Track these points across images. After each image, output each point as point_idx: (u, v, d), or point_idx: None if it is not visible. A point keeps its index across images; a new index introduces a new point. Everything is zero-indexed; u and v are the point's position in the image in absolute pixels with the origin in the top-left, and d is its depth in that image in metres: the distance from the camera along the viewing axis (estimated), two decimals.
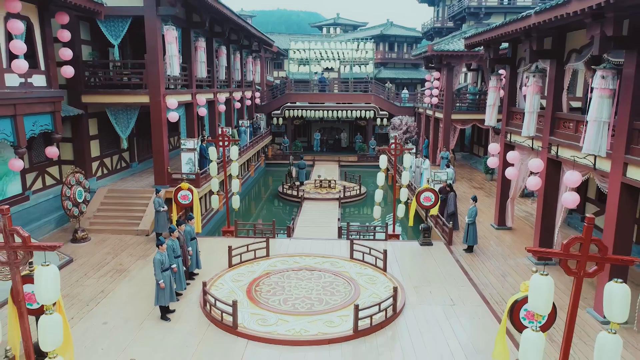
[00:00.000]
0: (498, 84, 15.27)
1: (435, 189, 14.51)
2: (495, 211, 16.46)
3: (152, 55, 15.97)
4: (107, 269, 12.36)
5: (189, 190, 13.97)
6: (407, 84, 58.29)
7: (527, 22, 10.83)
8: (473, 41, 15.44)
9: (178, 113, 18.52)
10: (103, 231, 15.04)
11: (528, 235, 15.51)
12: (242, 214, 22.67)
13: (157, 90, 16.14)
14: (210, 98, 22.50)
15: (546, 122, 12.44)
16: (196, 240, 11.78)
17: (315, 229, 17.90)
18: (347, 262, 12.75)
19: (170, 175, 16.87)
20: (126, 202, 16.14)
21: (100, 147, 17.84)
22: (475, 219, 13.78)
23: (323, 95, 35.81)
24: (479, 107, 26.29)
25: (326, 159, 33.76)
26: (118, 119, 16.85)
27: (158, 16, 15.82)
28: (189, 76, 19.30)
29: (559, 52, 11.91)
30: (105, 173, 18.21)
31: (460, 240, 14.75)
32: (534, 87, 12.08)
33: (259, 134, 31.75)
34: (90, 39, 17.07)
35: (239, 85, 28.95)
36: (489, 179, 24.42)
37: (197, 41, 19.53)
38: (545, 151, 12.28)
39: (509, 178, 13.84)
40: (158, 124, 16.45)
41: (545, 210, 12.72)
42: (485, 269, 12.73)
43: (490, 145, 15.24)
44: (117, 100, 16.38)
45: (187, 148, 17.01)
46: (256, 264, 12.55)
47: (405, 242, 14.80)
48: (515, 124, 14.77)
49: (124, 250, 13.77)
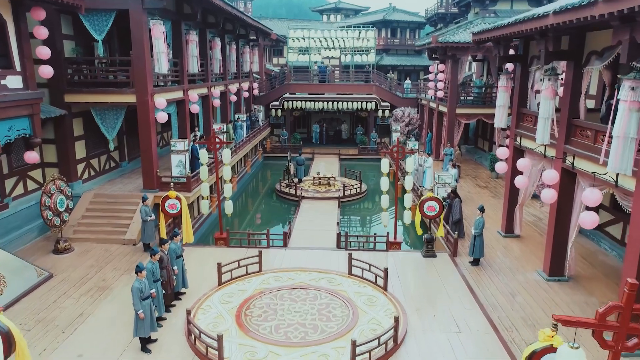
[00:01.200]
0: (508, 83, 14.25)
1: (439, 197, 13.59)
2: (503, 218, 15.57)
3: (138, 52, 14.98)
4: (88, 286, 11.55)
5: (177, 199, 13.10)
6: (410, 71, 57.01)
7: (544, 23, 9.80)
8: (481, 37, 14.39)
9: (169, 111, 17.61)
10: (88, 240, 14.22)
11: (537, 244, 14.64)
12: (238, 213, 21.84)
13: (144, 88, 15.17)
14: (203, 93, 21.53)
15: (561, 129, 11.48)
16: (182, 258, 10.95)
17: (313, 234, 17.07)
18: (345, 279, 11.93)
19: (159, 179, 16.00)
20: (113, 208, 15.30)
21: (86, 148, 16.92)
22: (483, 230, 12.89)
23: (323, 86, 34.69)
24: (485, 100, 25.24)
25: (326, 152, 32.79)
26: (104, 120, 15.91)
27: (144, 9, 14.78)
28: (180, 71, 18.30)
29: (576, 54, 10.90)
30: (93, 175, 17.33)
31: (466, 251, 13.92)
32: (549, 91, 11.08)
33: (257, 127, 30.76)
34: (73, 33, 16.02)
35: (235, 77, 27.90)
36: (494, 176, 23.48)
37: (188, 34, 18.49)
38: (559, 161, 11.34)
39: (519, 187, 12.93)
40: (146, 125, 15.52)
41: (558, 223, 11.83)
42: (492, 286, 11.89)
43: (499, 149, 14.28)
44: (102, 99, 15.42)
45: (178, 150, 16.09)
46: (247, 281, 11.73)
47: (407, 254, 13.95)
48: (526, 127, 13.80)
49: (109, 262, 12.96)
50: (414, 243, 15.43)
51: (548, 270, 12.21)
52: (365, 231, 19.44)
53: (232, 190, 22.63)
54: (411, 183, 14.90)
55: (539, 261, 13.15)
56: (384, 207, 15.27)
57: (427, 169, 21.15)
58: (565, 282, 12.00)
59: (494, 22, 25.50)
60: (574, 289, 11.66)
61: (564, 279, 12.09)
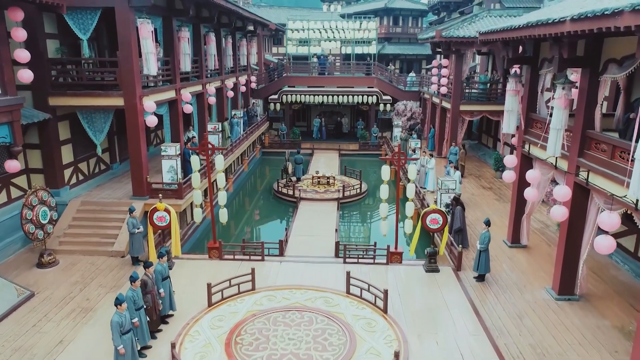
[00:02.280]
0: (517, 86, 13.42)
1: (442, 207, 12.87)
2: (509, 227, 14.86)
3: (125, 52, 14.17)
4: (71, 307, 10.92)
5: (165, 212, 12.40)
6: (412, 60, 55.92)
7: (559, 29, 8.98)
8: (489, 38, 13.53)
9: (160, 112, 16.86)
10: (74, 252, 13.57)
11: (545, 255, 13.97)
12: (234, 215, 21.22)
13: (132, 91, 14.40)
14: (198, 91, 20.74)
15: (574, 140, 10.71)
16: (169, 279, 10.29)
17: (311, 241, 16.39)
18: (343, 299, 11.28)
19: (149, 185, 15.30)
20: (101, 217, 14.62)
21: (74, 152, 16.18)
22: (489, 245, 12.19)
23: (323, 79, 33.75)
24: (490, 97, 24.37)
25: (326, 148, 32.02)
26: (91, 123, 15.16)
27: (131, 7, 13.93)
28: (172, 70, 17.47)
29: (593, 61, 10.08)
30: (81, 179, 16.62)
31: (471, 264, 13.25)
32: (562, 101, 10.28)
33: (255, 122, 29.94)
34: (58, 32, 15.17)
35: (232, 71, 27.02)
36: (498, 176, 22.68)
37: (180, 31, 17.62)
38: (572, 177, 10.59)
39: (528, 200, 12.20)
40: (135, 130, 14.78)
41: (569, 241, 11.13)
42: (498, 307, 11.23)
43: (506, 157, 13.52)
44: (88, 103, 14.67)
45: (169, 155, 15.35)
46: (240, 301, 11.09)
47: (408, 268, 13.27)
48: (535, 133, 13.02)
49: (94, 278, 12.32)
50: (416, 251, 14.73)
51: (558, 288, 11.54)
52: (365, 236, 18.80)
53: (228, 191, 22.04)
54: (413, 191, 14.17)
55: (547, 276, 12.48)
56: (382, 216, 14.58)
57: (430, 170, 20.43)
58: (575, 302, 11.34)
59: (500, 14, 24.73)
60: (585, 310, 11.00)
61: (575, 298, 11.43)
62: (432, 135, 28.95)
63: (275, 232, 19.22)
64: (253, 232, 20.06)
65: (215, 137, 20.46)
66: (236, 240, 18.20)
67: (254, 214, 22.19)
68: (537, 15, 11.58)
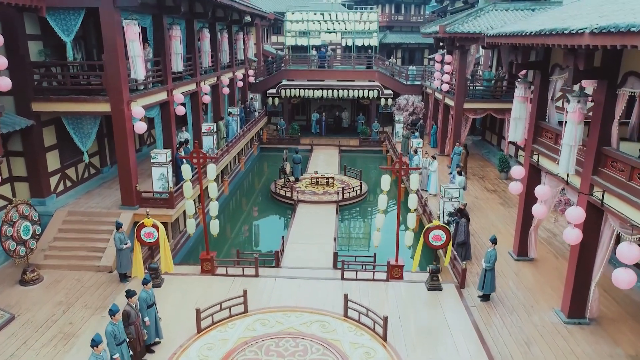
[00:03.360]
0: (527, 93, 12.66)
1: (446, 218, 12.20)
2: (515, 239, 14.20)
3: (111, 55, 13.41)
4: (53, 332, 10.34)
5: (153, 227, 11.75)
6: (415, 49, 54.86)
7: (576, 41, 8.20)
8: (496, 41, 12.70)
9: (151, 115, 16.14)
10: (59, 267, 12.96)
11: (553, 270, 13.34)
12: (230, 218, 20.61)
13: (119, 96, 13.65)
14: (192, 89, 19.95)
15: (588, 156, 10.00)
16: (155, 306, 9.67)
17: (308, 250, 15.82)
18: (340, 323, 10.66)
19: (139, 194, 14.64)
20: (88, 228, 13.99)
21: (60, 158, 15.46)
22: (495, 264, 11.54)
23: (323, 72, 32.88)
24: (495, 94, 23.55)
25: (325, 143, 31.24)
26: (77, 129, 14.44)
27: (117, 8, 13.11)
28: (163, 71, 16.68)
29: (611, 73, 9.32)
30: (69, 186, 15.94)
31: (475, 280, 12.65)
32: (576, 115, 9.54)
33: (253, 118, 29.16)
34: (40, 32, 14.35)
35: (229, 66, 26.16)
36: (503, 177, 22.00)
37: (171, 29, 16.78)
38: (585, 197, 9.89)
39: (537, 217, 11.51)
40: (122, 136, 14.07)
41: (580, 262, 10.47)
42: (504, 331, 10.62)
43: (514, 168, 12.79)
44: (73, 108, 13.92)
45: (159, 162, 14.66)
46: (231, 326, 10.49)
47: (410, 285, 12.62)
48: (545, 143, 12.29)
49: (80, 297, 11.71)
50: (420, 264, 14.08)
51: (567, 311, 10.92)
52: (364, 244, 18.15)
53: (224, 194, 21.40)
54: (415, 202, 13.49)
55: (556, 294, 11.86)
56: (377, 227, 13.90)
57: (432, 172, 19.73)
58: (586, 326, 10.73)
59: (506, 7, 23.73)
60: (597, 336, 10.39)
61: (585, 321, 10.81)
62: (434, 132, 28.19)
63: (272, 238, 18.61)
64: (249, 237, 19.45)
65: (210, 138, 19.76)
66: (231, 247, 17.66)
67: (251, 217, 21.52)
68: (550, 20, 10.78)
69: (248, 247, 18.25)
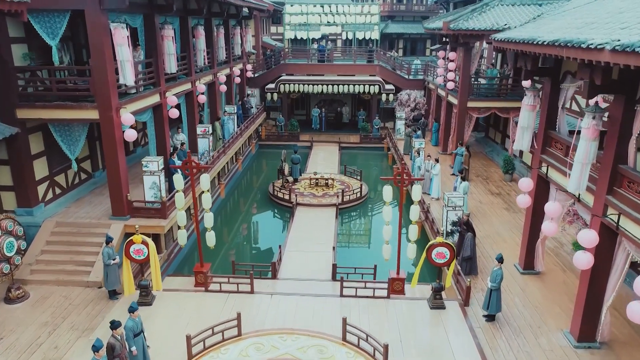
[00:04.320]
0: (535, 101, 12.01)
1: (450, 242, 11.63)
2: (521, 252, 13.65)
3: (98, 60, 12.74)
4: (36, 358, 9.84)
5: (143, 244, 11.20)
6: (417, 40, 53.82)
7: (595, 57, 7.55)
8: (505, 46, 12.02)
9: (143, 119, 15.52)
10: (46, 283, 12.45)
11: (560, 284, 12.81)
12: (225, 222, 20.07)
13: (107, 102, 13.02)
14: (187, 89, 19.31)
15: (602, 176, 9.38)
16: (143, 334, 9.16)
17: (306, 258, 15.34)
18: (339, 348, 10.15)
19: (130, 204, 14.07)
20: (77, 240, 13.45)
21: (49, 165, 14.87)
22: (501, 283, 11.00)
23: (322, 66, 32.09)
24: (500, 93, 22.83)
25: (325, 140, 30.58)
26: (65, 137, 13.82)
27: (103, 10, 12.41)
28: (156, 73, 16.02)
29: (629, 87, 8.67)
30: (59, 193, 15.36)
31: (479, 297, 12.15)
32: (591, 132, 8.91)
33: (251, 115, 28.47)
34: (25, 35, 13.66)
35: (225, 62, 25.43)
36: (507, 179, 21.41)
37: (163, 29, 16.08)
38: (598, 220, 9.29)
39: (547, 235, 10.93)
40: (111, 144, 13.47)
41: (592, 286, 9.92)
42: (510, 355, 10.11)
43: (521, 181, 12.18)
44: (59, 115, 13.30)
45: (151, 171, 14.06)
46: (224, 352, 9.99)
47: (411, 303, 12.10)
48: (555, 154, 11.66)
49: (66, 317, 11.20)
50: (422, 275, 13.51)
51: (577, 334, 10.39)
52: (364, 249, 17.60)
53: (221, 197, 20.83)
54: (417, 214, 12.91)
55: (565, 314, 11.35)
56: (385, 239, 13.36)
57: (435, 176, 19.12)
58: (596, 350, 10.22)
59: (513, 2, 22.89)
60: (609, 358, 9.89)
61: (595, 345, 10.30)
62: (435, 129, 27.49)
63: (269, 243, 18.16)
64: (246, 244, 18.91)
65: (205, 140, 19.14)
66: (227, 253, 17.17)
67: (248, 221, 20.93)
68: (564, 27, 10.09)
69: (245, 254, 17.74)
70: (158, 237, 14.15)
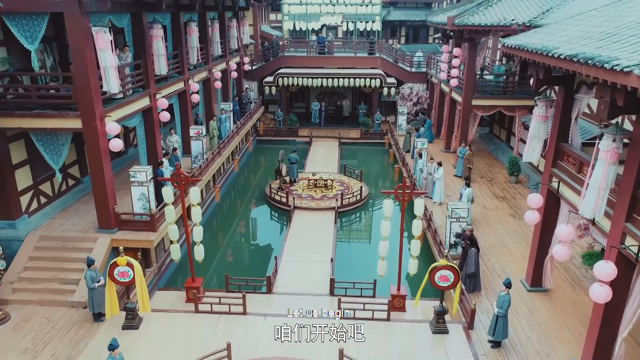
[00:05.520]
0: (547, 112, 11.21)
1: (454, 265, 10.94)
2: (529, 267, 12.98)
3: (80, 66, 11.94)
4: None
5: (128, 266, 10.54)
6: (419, 27, 52.61)
7: (620, 80, 6.76)
8: (515, 53, 11.16)
9: (131, 124, 14.78)
10: (29, 302, 11.83)
11: (570, 304, 12.15)
12: (220, 226, 19.44)
13: (90, 111, 12.25)
14: (180, 89, 18.52)
15: (621, 201, 8.64)
16: None
17: (303, 270, 14.78)
18: None
19: (118, 216, 13.39)
20: (61, 256, 12.80)
21: (32, 174, 14.14)
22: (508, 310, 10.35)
23: (322, 59, 31.13)
24: (506, 90, 21.95)
25: (325, 135, 29.75)
26: (47, 146, 13.06)
27: (84, 13, 11.56)
28: (145, 75, 15.21)
29: None
30: (44, 203, 14.66)
31: (484, 316, 11.53)
32: (611, 155, 8.15)
33: (248, 110, 27.61)
34: (4, 38, 12.84)
35: (221, 56, 24.52)
36: (513, 181, 20.65)
37: (152, 29, 15.21)
38: (616, 251, 8.57)
39: (558, 259, 10.22)
40: (96, 155, 12.73)
41: (605, 319, 9.25)
42: None
43: (530, 197, 11.42)
44: (40, 124, 12.51)
45: (139, 181, 13.34)
46: None
47: (413, 326, 11.47)
48: (567, 170, 10.92)
49: (48, 343, 10.59)
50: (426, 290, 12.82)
51: None
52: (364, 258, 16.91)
53: (215, 201, 20.14)
54: (420, 229, 12.22)
55: (575, 340, 10.72)
56: (381, 255, 12.71)
57: (437, 180, 18.38)
58: None
59: None
60: None
61: None
62: (428, 126, 26.55)
63: (266, 251, 17.52)
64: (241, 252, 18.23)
65: (199, 142, 18.36)
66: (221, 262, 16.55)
67: (243, 226, 20.15)
68: (581, 36, 9.23)
69: (240, 262, 17.10)
70: (147, 251, 13.52)
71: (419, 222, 12.25)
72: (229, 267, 16.41)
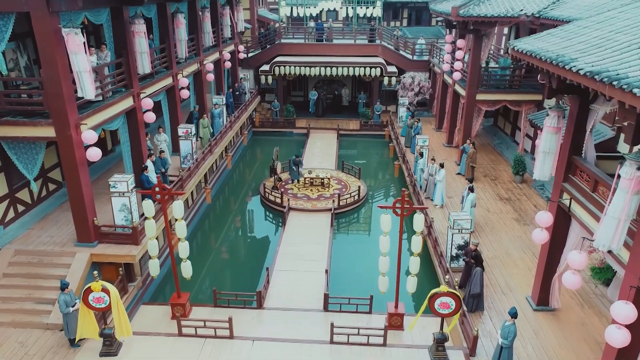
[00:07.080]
0: (560, 123, 10.25)
1: (456, 292, 10.12)
2: (535, 285, 12.19)
3: (50, 71, 10.95)
4: None
5: (104, 291, 9.76)
6: (422, 9, 50.95)
7: None
8: (526, 59, 10.14)
9: (113, 127, 13.86)
10: (1, 325, 11.10)
11: (579, 326, 11.38)
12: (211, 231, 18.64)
13: (63, 119, 11.32)
14: (168, 84, 17.56)
15: None
16: None
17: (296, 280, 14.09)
18: None
19: (97, 229, 12.57)
20: (37, 272, 12.02)
21: (8, 181, 13.28)
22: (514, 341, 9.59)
23: (321, 46, 29.88)
24: (512, 84, 20.89)
25: (323, 127, 28.75)
26: (20, 155, 12.15)
27: (52, 12, 10.53)
28: (127, 74, 14.22)
29: None
30: (21, 211, 13.83)
31: (487, 343, 10.79)
32: (633, 184, 7.25)
33: (243, 102, 26.56)
34: None
35: (214, 46, 23.39)
36: (518, 180, 19.74)
37: (133, 24, 14.14)
38: (634, 291, 7.72)
39: (570, 288, 9.40)
40: (72, 165, 11.84)
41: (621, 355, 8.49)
42: None
43: (538, 215, 10.53)
44: (10, 133, 11.58)
45: (119, 192, 12.48)
46: None
47: (411, 352, 10.73)
48: (580, 187, 10.03)
49: None
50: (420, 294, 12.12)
51: None
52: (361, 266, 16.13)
53: (206, 202, 19.32)
54: (420, 246, 11.39)
55: None
56: (382, 271, 11.92)
57: (439, 182, 17.48)
58: None
59: None
60: None
61: None
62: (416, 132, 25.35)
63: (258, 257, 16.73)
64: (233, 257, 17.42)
65: (188, 142, 17.44)
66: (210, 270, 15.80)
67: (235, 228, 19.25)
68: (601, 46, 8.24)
69: (230, 270, 16.28)
70: (129, 266, 12.76)
71: (419, 239, 11.41)
72: (219, 275, 15.71)
